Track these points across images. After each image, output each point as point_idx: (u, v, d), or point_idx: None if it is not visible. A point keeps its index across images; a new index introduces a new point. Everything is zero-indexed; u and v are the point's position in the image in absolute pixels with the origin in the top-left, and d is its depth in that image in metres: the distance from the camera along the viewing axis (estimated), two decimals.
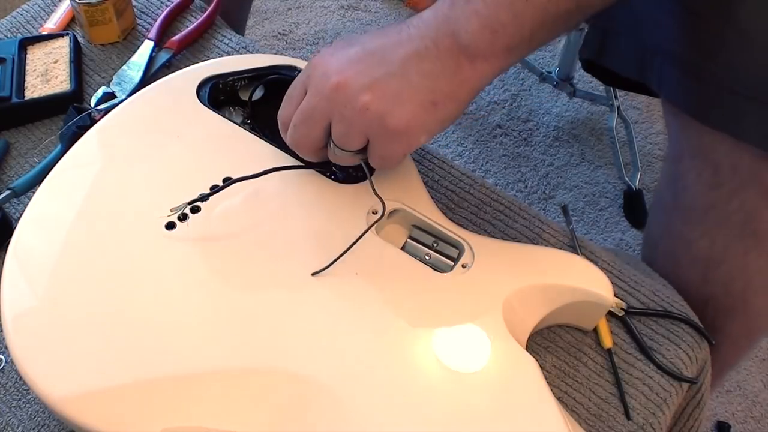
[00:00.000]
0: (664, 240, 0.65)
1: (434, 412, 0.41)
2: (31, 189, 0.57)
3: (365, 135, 0.45)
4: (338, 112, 0.45)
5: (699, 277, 0.60)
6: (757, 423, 1.01)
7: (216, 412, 0.40)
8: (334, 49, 0.46)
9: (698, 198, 0.58)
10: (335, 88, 0.44)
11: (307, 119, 0.47)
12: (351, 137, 0.46)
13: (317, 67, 0.46)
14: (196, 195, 0.48)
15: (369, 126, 0.45)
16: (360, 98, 0.44)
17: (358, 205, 0.50)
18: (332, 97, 0.44)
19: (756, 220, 0.56)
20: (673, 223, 0.62)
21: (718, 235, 0.58)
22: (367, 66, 0.44)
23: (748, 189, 0.55)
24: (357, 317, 0.44)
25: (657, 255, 0.63)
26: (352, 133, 0.45)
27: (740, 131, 0.53)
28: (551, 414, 0.41)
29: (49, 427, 0.47)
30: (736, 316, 0.62)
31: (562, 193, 1.22)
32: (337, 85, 0.44)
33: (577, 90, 1.24)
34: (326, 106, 0.45)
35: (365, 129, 0.45)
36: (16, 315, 0.43)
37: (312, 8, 1.49)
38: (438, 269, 0.48)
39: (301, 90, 0.47)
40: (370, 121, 0.44)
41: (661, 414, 0.49)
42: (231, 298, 0.45)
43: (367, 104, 0.44)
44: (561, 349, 0.52)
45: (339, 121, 0.45)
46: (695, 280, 0.59)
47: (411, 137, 0.45)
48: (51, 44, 0.68)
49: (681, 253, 0.61)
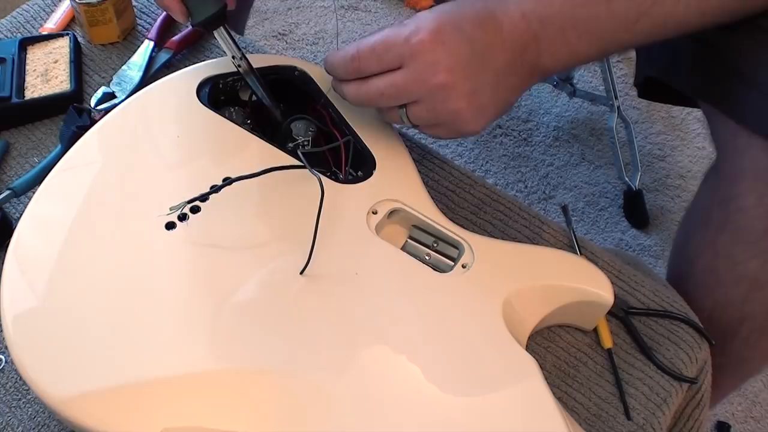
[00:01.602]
0: (705, 256, 0.64)
1: (434, 412, 0.41)
2: (31, 189, 0.57)
3: (441, 123, 0.48)
4: (432, 104, 0.47)
5: (741, 296, 0.59)
6: (757, 423, 1.01)
7: (216, 412, 0.40)
8: (443, 35, 0.46)
9: (756, 221, 0.57)
10: (442, 86, 0.46)
11: (397, 95, 0.48)
12: (426, 119, 0.48)
13: (425, 53, 0.46)
14: (196, 195, 0.48)
15: (451, 122, 0.48)
16: (458, 103, 0.46)
17: (358, 205, 0.50)
18: (434, 93, 0.46)
19: None
20: (720, 242, 0.61)
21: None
22: (473, 72, 0.46)
23: None
24: (357, 317, 0.44)
25: (694, 270, 0.62)
26: (429, 118, 0.48)
27: None
28: (551, 414, 0.41)
29: (49, 427, 0.47)
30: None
31: (562, 193, 1.22)
32: (444, 85, 0.46)
33: (577, 90, 1.24)
34: (423, 94, 0.47)
35: (445, 121, 0.48)
36: (16, 315, 0.43)
37: (312, 8, 1.49)
38: (438, 269, 0.48)
39: (395, 59, 0.47)
40: (454, 121, 0.48)
41: (661, 414, 0.49)
42: (231, 297, 0.45)
43: (462, 110, 0.47)
44: (561, 349, 0.52)
45: (427, 110, 0.48)
46: (736, 299, 0.59)
47: (471, 134, 0.49)
48: (51, 44, 0.68)
49: (724, 271, 0.61)
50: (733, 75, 0.56)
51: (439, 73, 0.46)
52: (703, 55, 0.58)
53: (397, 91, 0.47)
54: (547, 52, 0.47)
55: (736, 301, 0.59)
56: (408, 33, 0.46)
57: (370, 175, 0.52)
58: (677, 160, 1.26)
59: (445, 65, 0.45)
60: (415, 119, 0.49)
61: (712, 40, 0.56)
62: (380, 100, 0.49)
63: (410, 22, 0.47)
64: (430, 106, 0.47)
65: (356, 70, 0.49)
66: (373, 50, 0.48)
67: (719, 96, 0.58)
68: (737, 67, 0.55)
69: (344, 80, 0.50)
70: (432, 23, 0.46)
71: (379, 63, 0.48)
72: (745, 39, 0.53)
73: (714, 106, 0.59)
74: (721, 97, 0.58)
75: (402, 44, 0.46)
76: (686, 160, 1.25)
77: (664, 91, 0.65)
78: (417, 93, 0.47)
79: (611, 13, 0.47)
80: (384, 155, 0.53)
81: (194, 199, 0.48)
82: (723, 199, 0.61)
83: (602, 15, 0.47)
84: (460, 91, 0.46)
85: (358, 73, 0.49)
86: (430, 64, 0.46)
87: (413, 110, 0.48)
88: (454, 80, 0.46)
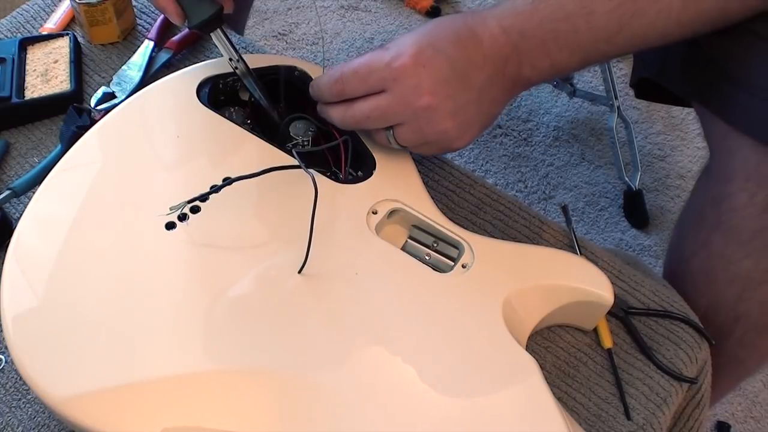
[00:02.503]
0: (699, 256, 0.64)
1: (434, 413, 0.41)
2: (31, 189, 0.57)
3: (427, 143, 0.49)
4: (417, 126, 0.48)
5: (735, 296, 0.60)
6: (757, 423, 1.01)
7: (216, 412, 0.40)
8: (424, 58, 0.47)
9: (748, 220, 0.58)
10: (426, 108, 0.47)
11: (383, 118, 0.49)
12: (414, 142, 0.50)
13: (407, 76, 0.47)
14: (196, 195, 0.48)
15: (438, 141, 0.49)
16: (444, 123, 0.48)
17: (358, 205, 0.50)
18: (419, 115, 0.47)
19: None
20: (713, 242, 0.62)
21: (763, 256, 0.58)
22: (455, 91, 0.47)
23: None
24: (357, 317, 0.44)
25: (689, 270, 0.63)
26: (417, 140, 0.49)
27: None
28: (551, 414, 0.41)
29: (49, 427, 0.47)
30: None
31: (562, 193, 1.22)
32: (428, 107, 0.47)
33: (577, 90, 1.24)
34: (408, 117, 0.48)
35: (432, 141, 0.49)
36: (16, 315, 0.43)
37: (312, 8, 1.49)
38: (438, 269, 0.48)
39: (378, 82, 0.48)
40: (442, 140, 0.49)
41: (661, 414, 0.49)
42: (231, 297, 0.45)
43: (448, 129, 0.48)
44: (561, 349, 0.52)
45: (413, 131, 0.49)
46: (730, 299, 0.59)
47: (456, 149, 0.50)
48: (51, 44, 0.68)
49: (718, 271, 0.61)
50: (723, 77, 0.56)
51: (423, 95, 0.47)
52: (694, 57, 0.59)
53: (382, 114, 0.48)
54: (528, 64, 0.48)
55: (730, 300, 0.59)
56: (389, 57, 0.47)
57: (370, 175, 0.52)
58: (677, 160, 1.26)
59: (428, 87, 0.46)
60: (402, 141, 0.50)
61: (703, 42, 0.56)
62: (366, 122, 0.50)
63: (392, 45, 0.48)
64: (415, 128, 0.48)
65: (340, 93, 0.50)
66: (356, 73, 0.49)
67: (710, 97, 0.58)
68: (727, 68, 0.55)
69: (330, 103, 0.51)
70: (412, 47, 0.47)
71: (362, 86, 0.49)
72: (735, 41, 0.53)
73: (705, 107, 0.59)
74: (712, 98, 0.58)
75: (384, 68, 0.47)
76: (686, 160, 1.25)
77: (660, 91, 0.65)
78: (402, 115, 0.48)
79: (591, 26, 0.47)
80: (384, 155, 0.53)
81: (194, 199, 0.48)
82: (715, 199, 0.61)
83: (582, 28, 0.47)
84: (444, 111, 0.47)
85: (342, 95, 0.50)
86: (412, 87, 0.47)
87: (399, 132, 0.49)
88: (438, 101, 0.47)
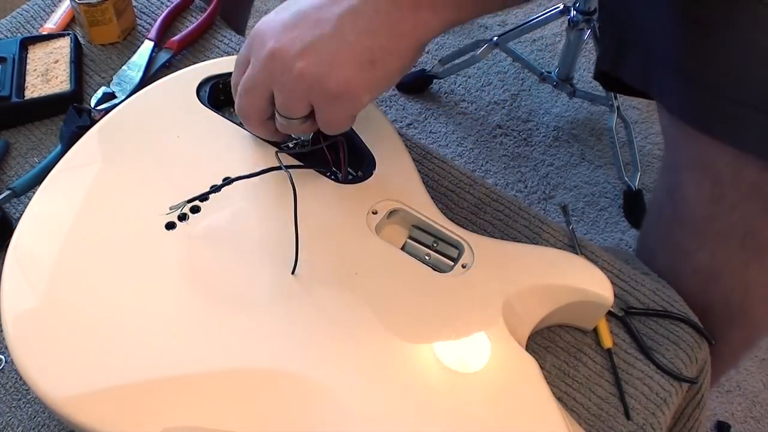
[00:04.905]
0: (662, 250, 0.64)
1: (434, 413, 0.41)
2: (31, 189, 0.57)
3: (307, 101, 0.45)
4: (277, 80, 0.44)
5: (698, 288, 0.59)
6: (757, 423, 1.01)
7: (216, 412, 0.40)
8: (274, 14, 0.45)
9: (698, 210, 0.57)
10: (271, 56, 0.44)
11: (249, 90, 0.46)
12: (293, 104, 0.45)
13: (256, 34, 0.45)
14: (196, 194, 0.48)
15: (308, 91, 0.44)
16: (296, 64, 0.43)
17: (358, 205, 0.50)
18: (269, 66, 0.44)
19: (757, 232, 0.55)
20: (672, 234, 0.62)
21: (717, 247, 0.58)
22: (302, 30, 0.43)
23: (750, 201, 0.54)
24: (357, 317, 0.44)
25: (655, 264, 0.63)
26: (293, 100, 0.45)
27: (743, 142, 0.52)
28: (551, 414, 0.41)
29: (49, 427, 0.47)
30: (735, 325, 0.61)
31: (562, 193, 1.22)
32: (272, 53, 0.43)
33: (577, 90, 1.24)
34: (265, 76, 0.45)
35: (305, 95, 0.44)
36: (16, 315, 0.43)
37: None
38: (438, 269, 0.48)
39: (245, 58, 0.47)
40: (309, 87, 0.44)
41: (661, 414, 0.49)
42: (231, 298, 0.45)
43: (302, 70, 0.43)
44: (561, 349, 0.52)
45: (279, 90, 0.45)
46: (694, 291, 0.59)
47: (353, 98, 0.44)
48: (52, 44, 0.68)
49: (680, 263, 0.61)
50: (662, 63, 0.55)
51: (266, 44, 0.44)
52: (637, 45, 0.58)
53: (247, 82, 0.46)
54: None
55: (695, 293, 0.58)
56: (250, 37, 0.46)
57: (370, 175, 0.52)
58: None
59: (271, 35, 0.44)
60: (285, 109, 0.46)
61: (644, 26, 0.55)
62: (245, 104, 0.47)
63: None
64: (279, 84, 0.44)
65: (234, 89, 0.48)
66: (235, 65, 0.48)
67: (653, 84, 0.58)
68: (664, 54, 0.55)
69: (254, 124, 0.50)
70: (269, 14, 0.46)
71: (237, 71, 0.48)
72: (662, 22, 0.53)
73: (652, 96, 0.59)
74: (656, 86, 0.57)
75: (246, 42, 0.47)
76: None
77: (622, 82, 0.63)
78: (261, 77, 0.45)
79: None
80: (384, 155, 0.53)
81: (194, 198, 0.48)
82: (669, 190, 0.61)
83: None
84: (290, 52, 0.43)
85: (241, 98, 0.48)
86: (259, 43, 0.44)
87: (277, 102, 0.46)
88: (281, 45, 0.43)
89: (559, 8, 1.21)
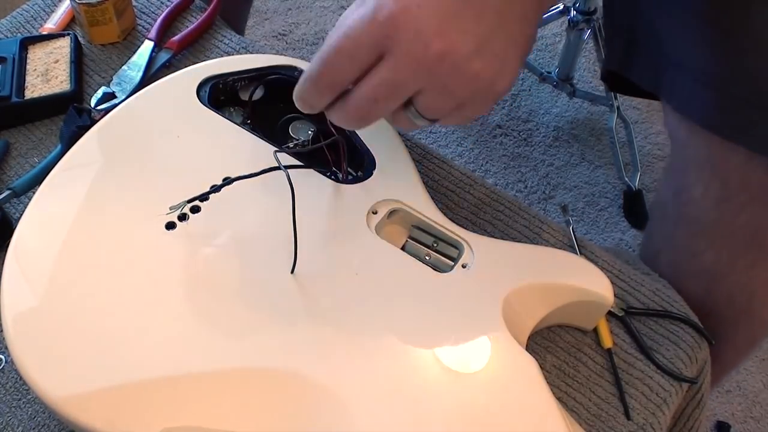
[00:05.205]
0: (667, 250, 0.64)
1: (434, 413, 0.41)
2: (31, 189, 0.57)
3: (463, 101, 0.39)
4: (441, 83, 0.37)
5: (702, 289, 0.59)
6: (757, 423, 1.01)
7: (216, 412, 0.40)
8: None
9: (704, 211, 0.57)
10: (440, 57, 0.36)
11: (393, 93, 0.38)
12: (446, 106, 0.39)
13: (404, 26, 0.35)
14: (196, 194, 0.48)
15: (475, 93, 0.38)
16: (471, 66, 0.36)
17: (358, 205, 0.50)
18: (435, 69, 0.36)
19: (764, 234, 0.55)
20: (677, 235, 0.61)
21: (723, 248, 0.57)
22: (468, 22, 0.36)
23: (758, 203, 0.54)
24: (357, 317, 0.44)
25: (659, 264, 0.62)
26: (449, 101, 0.38)
27: (754, 142, 0.51)
28: (551, 414, 0.41)
29: (49, 427, 0.47)
30: (739, 326, 0.61)
31: (562, 193, 1.22)
32: (441, 55, 0.36)
33: (577, 90, 1.24)
34: (424, 77, 0.37)
35: (469, 96, 0.38)
36: (16, 315, 0.43)
37: (312, 8, 1.49)
38: (438, 269, 0.48)
39: (370, 49, 0.37)
40: (479, 89, 0.38)
41: (661, 414, 0.49)
42: (231, 297, 0.45)
43: (478, 72, 0.37)
44: (561, 349, 0.52)
45: (439, 93, 0.38)
46: (699, 292, 0.59)
47: (506, 93, 0.39)
48: (52, 44, 0.68)
49: (684, 264, 0.60)
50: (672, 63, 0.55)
51: (431, 41, 0.35)
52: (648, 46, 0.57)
53: (389, 88, 0.37)
54: None
55: (698, 294, 0.58)
56: (371, 13, 0.36)
57: (370, 175, 0.52)
58: None
59: (434, 29, 0.35)
60: (431, 112, 0.39)
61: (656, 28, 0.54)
62: (376, 108, 0.39)
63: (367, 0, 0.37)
64: (439, 88, 0.37)
65: (330, 86, 0.39)
66: (339, 52, 0.37)
67: (662, 84, 0.57)
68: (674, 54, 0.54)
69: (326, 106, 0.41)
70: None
71: (352, 64, 0.37)
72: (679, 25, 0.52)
73: (659, 95, 0.58)
74: (663, 86, 0.57)
75: (370, 29, 0.36)
76: None
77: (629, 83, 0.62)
78: (416, 79, 0.37)
79: None
80: (384, 155, 0.53)
81: (194, 198, 0.48)
82: (675, 191, 0.61)
83: None
84: (463, 52, 0.36)
85: (332, 88, 0.39)
86: (414, 36, 0.36)
87: (422, 103, 0.38)
88: (452, 43, 0.36)
89: (559, 8, 1.21)
